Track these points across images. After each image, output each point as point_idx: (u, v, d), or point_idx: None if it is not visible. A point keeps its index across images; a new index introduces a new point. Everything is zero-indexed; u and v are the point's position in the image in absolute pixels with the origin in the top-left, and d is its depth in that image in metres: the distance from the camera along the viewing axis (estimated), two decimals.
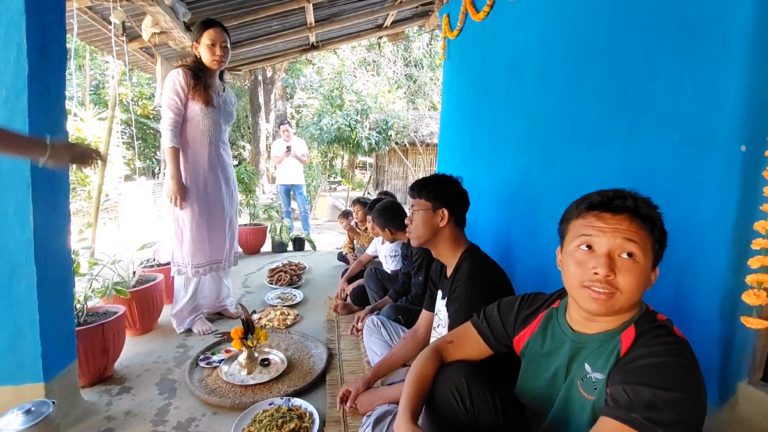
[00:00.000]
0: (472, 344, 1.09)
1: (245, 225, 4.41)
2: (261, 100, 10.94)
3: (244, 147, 13.50)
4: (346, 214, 4.00)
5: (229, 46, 2.13)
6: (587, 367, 0.85)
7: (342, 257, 3.92)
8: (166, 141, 2.05)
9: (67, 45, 1.56)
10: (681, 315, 1.17)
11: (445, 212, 1.43)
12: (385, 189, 10.40)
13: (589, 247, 0.82)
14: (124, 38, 2.85)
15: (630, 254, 0.79)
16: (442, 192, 1.45)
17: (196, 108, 2.10)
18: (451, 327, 1.35)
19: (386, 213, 2.40)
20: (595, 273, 0.79)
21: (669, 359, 0.73)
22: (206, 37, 2.07)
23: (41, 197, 1.35)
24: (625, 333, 0.81)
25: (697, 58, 1.18)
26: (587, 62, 1.71)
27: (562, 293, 0.99)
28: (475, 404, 0.96)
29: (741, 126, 1.05)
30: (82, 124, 5.72)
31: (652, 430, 0.68)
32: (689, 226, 1.17)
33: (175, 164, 2.06)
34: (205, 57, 2.09)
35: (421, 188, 1.47)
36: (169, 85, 2.06)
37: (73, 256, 1.65)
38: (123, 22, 2.52)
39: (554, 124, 1.95)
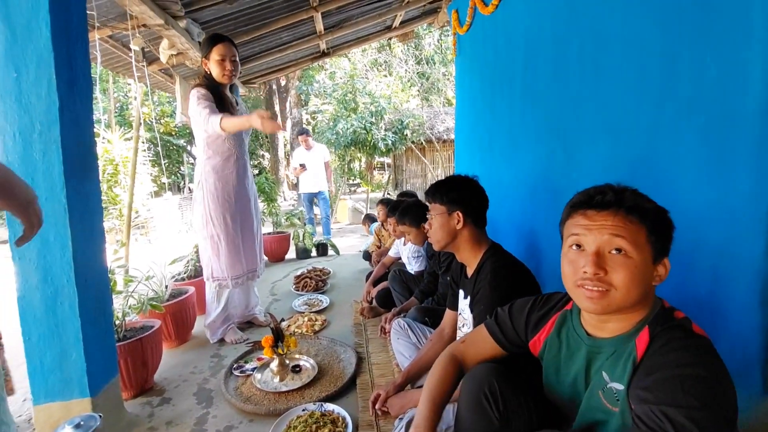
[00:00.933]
0: (486, 346, 1.09)
1: (269, 233, 4.49)
2: (277, 108, 11.14)
3: (263, 156, 13.78)
4: (370, 218, 4.03)
5: (238, 59, 2.17)
6: (605, 376, 0.82)
7: (367, 256, 3.95)
8: (215, 121, 1.96)
9: (92, 74, 1.64)
10: (719, 304, 1.12)
11: (460, 214, 1.42)
12: (404, 188, 10.40)
13: (579, 246, 0.82)
14: (144, 63, 2.96)
15: (619, 249, 0.77)
16: (455, 194, 1.43)
17: None
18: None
19: (412, 211, 2.37)
20: (585, 272, 0.79)
21: (692, 370, 0.69)
22: (216, 53, 2.09)
23: (78, 221, 1.43)
24: (639, 337, 0.79)
25: (719, 38, 1.13)
26: (605, 49, 1.66)
27: None
28: (508, 407, 0.94)
29: None
30: (110, 145, 5.98)
31: None
32: (721, 211, 1.12)
33: (237, 120, 1.98)
34: (216, 72, 2.12)
35: (435, 192, 1.47)
36: (193, 99, 2.07)
37: (109, 275, 1.73)
38: (142, 48, 2.62)
39: (574, 114, 1.91)
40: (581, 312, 0.91)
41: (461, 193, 1.44)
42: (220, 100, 2.15)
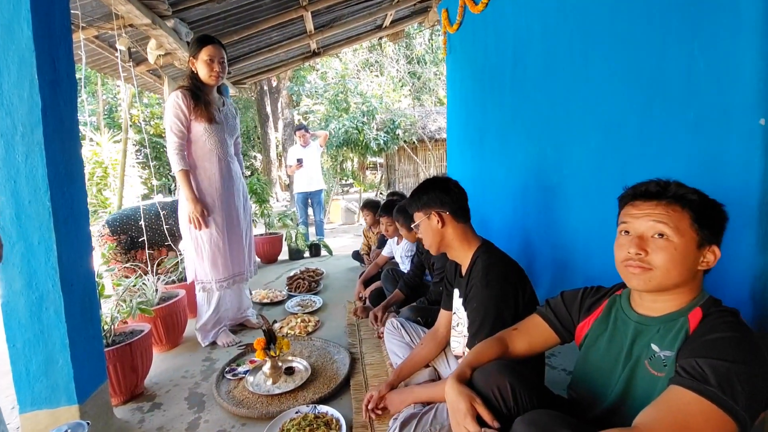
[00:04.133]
0: (539, 332, 1.12)
1: (261, 235, 4.46)
2: (268, 109, 11.08)
3: (255, 157, 13.69)
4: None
5: (226, 61, 2.16)
6: (654, 347, 0.87)
7: (357, 256, 3.94)
8: (175, 165, 2.07)
9: (77, 75, 1.61)
10: None
11: (437, 213, 1.43)
12: (396, 188, 10.40)
13: (627, 232, 0.90)
14: (131, 63, 2.92)
15: (661, 234, 0.84)
16: (425, 197, 1.46)
17: (199, 128, 2.12)
18: (470, 327, 1.34)
19: (405, 210, 2.37)
20: (629, 252, 0.87)
21: (740, 335, 0.76)
22: (204, 54, 2.08)
23: (63, 224, 1.39)
24: (693, 313, 0.84)
25: (707, 32, 1.14)
26: (594, 45, 1.67)
27: (623, 284, 1.02)
28: (519, 405, 0.94)
29: (758, 99, 1.01)
30: (98, 148, 5.89)
31: (725, 402, 0.70)
32: None
33: (189, 186, 2.09)
34: (203, 73, 2.11)
35: (410, 205, 1.51)
36: (169, 109, 2.08)
37: (97, 279, 1.70)
38: (129, 48, 2.58)
39: (564, 111, 1.91)
40: (631, 294, 0.98)
41: (430, 195, 1.46)
42: (206, 103, 2.13)
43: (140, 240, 2.77)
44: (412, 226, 1.53)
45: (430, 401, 1.40)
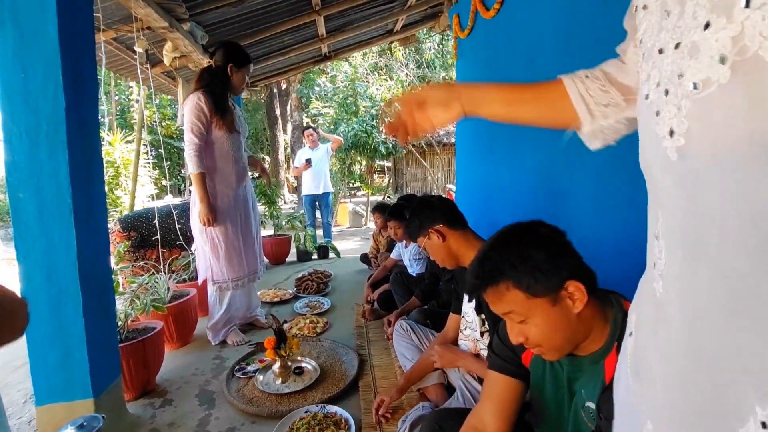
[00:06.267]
0: (501, 388, 0.96)
1: (270, 236, 4.50)
2: (277, 112, 11.17)
3: (263, 159, 13.80)
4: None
5: None
6: (583, 393, 0.82)
7: (365, 259, 3.95)
8: (193, 167, 2.12)
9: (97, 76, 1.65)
10: None
11: (433, 231, 1.46)
12: (405, 191, 10.42)
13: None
14: (147, 65, 2.97)
15: (520, 321, 0.78)
16: (417, 221, 1.50)
17: (219, 132, 2.19)
18: (491, 332, 1.35)
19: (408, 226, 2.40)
20: (518, 342, 0.81)
21: None
22: (247, 70, 2.30)
23: (83, 221, 1.43)
24: (609, 358, 0.77)
25: None
26: (607, 51, 1.67)
27: None
28: None
29: None
30: (111, 147, 5.98)
31: None
32: None
33: (204, 188, 2.13)
34: (237, 82, 2.27)
35: (410, 235, 1.56)
36: (190, 110, 2.12)
37: (112, 276, 1.73)
38: (146, 50, 2.64)
39: None
40: None
41: (420, 218, 1.50)
42: (224, 109, 2.20)
43: (152, 239, 2.82)
44: (421, 251, 1.56)
45: (471, 372, 1.44)
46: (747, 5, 0.28)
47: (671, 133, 0.34)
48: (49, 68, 1.35)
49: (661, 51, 0.37)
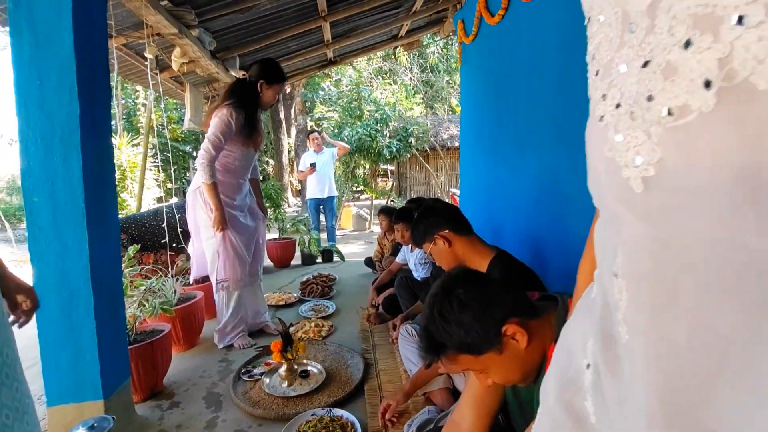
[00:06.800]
0: (477, 389, 0.98)
1: (275, 239, 4.52)
2: (282, 116, 11.22)
3: (267, 162, 13.85)
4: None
5: None
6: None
7: (369, 262, 3.96)
8: (205, 177, 2.13)
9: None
10: None
11: (438, 236, 1.48)
12: (409, 195, 10.43)
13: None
14: (157, 70, 3.02)
15: (480, 372, 0.84)
16: (421, 227, 1.52)
17: (239, 146, 2.26)
18: None
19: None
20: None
21: None
22: (279, 87, 2.32)
23: (95, 225, 1.45)
24: (551, 349, 0.81)
25: None
26: None
27: None
28: None
29: None
30: (117, 151, 6.04)
31: None
32: None
33: (217, 197, 2.16)
34: (268, 99, 2.30)
35: (416, 241, 1.58)
36: (218, 123, 2.14)
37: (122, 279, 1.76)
38: (156, 56, 2.68)
39: (579, 122, 1.93)
40: None
41: (425, 224, 1.51)
42: (253, 127, 2.27)
43: (145, 241, 2.90)
44: (426, 255, 1.57)
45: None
46: (739, 22, 0.23)
47: (635, 161, 0.29)
48: (63, 74, 1.37)
49: (622, 69, 0.32)
